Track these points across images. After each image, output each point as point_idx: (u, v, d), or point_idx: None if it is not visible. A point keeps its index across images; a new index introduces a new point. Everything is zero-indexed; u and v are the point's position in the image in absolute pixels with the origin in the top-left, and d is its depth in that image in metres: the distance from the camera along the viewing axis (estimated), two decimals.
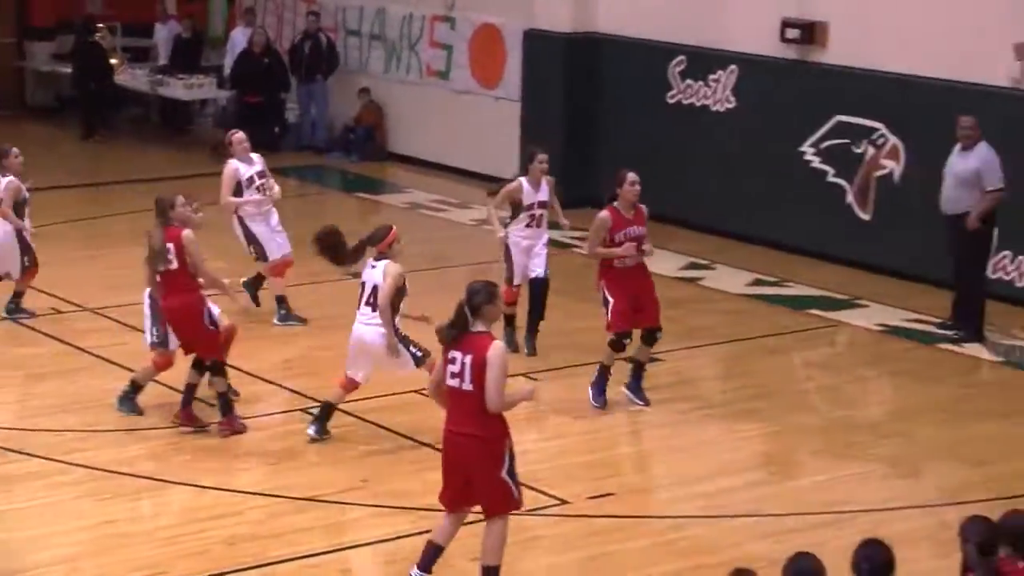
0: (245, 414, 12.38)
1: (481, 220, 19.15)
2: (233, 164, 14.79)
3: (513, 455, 9.32)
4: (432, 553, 9.49)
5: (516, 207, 14.13)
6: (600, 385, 12.84)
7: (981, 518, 7.81)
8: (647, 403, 12.84)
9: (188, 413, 12.15)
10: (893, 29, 16.87)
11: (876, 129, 16.95)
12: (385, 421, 12.42)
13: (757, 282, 16.76)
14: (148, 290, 12.31)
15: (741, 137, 18.13)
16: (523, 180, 14.08)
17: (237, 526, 10.55)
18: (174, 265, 11.91)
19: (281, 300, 14.80)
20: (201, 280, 12.08)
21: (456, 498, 9.41)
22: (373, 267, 11.82)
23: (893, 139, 16.82)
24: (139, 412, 12.39)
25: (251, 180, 14.77)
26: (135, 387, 12.45)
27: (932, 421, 12.75)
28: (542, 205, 14.10)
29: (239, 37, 23.53)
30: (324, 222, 12.63)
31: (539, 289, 14.17)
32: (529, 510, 10.82)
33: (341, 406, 12.19)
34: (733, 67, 18.27)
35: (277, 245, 14.78)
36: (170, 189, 13.01)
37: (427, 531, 9.78)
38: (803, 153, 17.57)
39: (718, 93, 18.47)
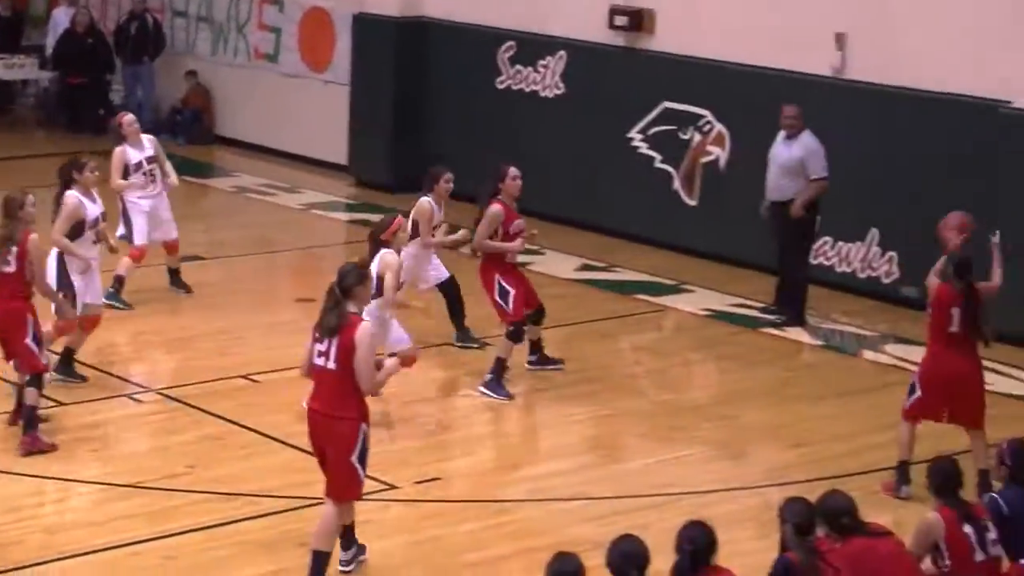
0: (67, 399, 12.16)
1: (310, 204, 19.07)
2: (122, 148, 14.56)
3: (367, 442, 9.30)
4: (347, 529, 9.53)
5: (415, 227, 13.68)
6: (499, 379, 12.81)
7: (799, 499, 7.97)
8: (562, 362, 13.45)
9: (34, 438, 11.36)
10: (720, 17, 17.08)
11: (702, 116, 17.16)
12: (211, 407, 12.29)
13: (585, 267, 16.88)
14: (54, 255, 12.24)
15: (570, 123, 18.22)
16: (430, 200, 13.73)
17: (57, 515, 10.36)
18: (11, 268, 11.32)
19: (120, 280, 14.56)
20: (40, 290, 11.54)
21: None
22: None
23: (719, 126, 17.04)
24: (82, 378, 12.54)
25: (139, 165, 14.55)
26: (68, 356, 12.49)
27: (756, 404, 12.95)
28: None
29: (61, 16, 23.08)
30: None
31: (452, 289, 14.00)
32: None
33: (168, 392, 12.03)
34: (562, 53, 18.37)
35: (147, 232, 14.60)
36: None
37: (252, 516, 9.68)
38: (631, 139, 17.72)
39: (547, 79, 18.55)
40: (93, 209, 12.55)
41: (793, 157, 14.86)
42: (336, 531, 9.37)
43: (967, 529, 8.35)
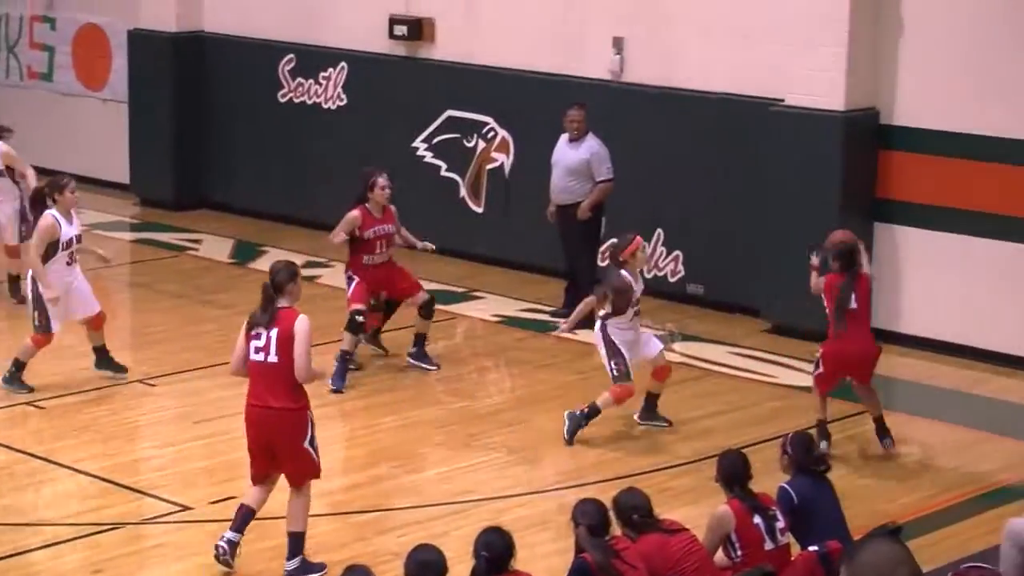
0: None
1: (92, 224, 18.70)
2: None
3: (314, 424, 9.69)
4: (245, 515, 9.80)
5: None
6: (343, 371, 13.23)
7: (590, 500, 8.04)
8: (438, 366, 13.83)
9: None
10: (499, 24, 17.18)
11: (486, 123, 17.24)
12: None
13: None
14: (30, 273, 12.65)
15: (354, 134, 18.16)
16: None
17: None
18: None
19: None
20: None
21: (263, 471, 9.75)
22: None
23: (502, 132, 17.14)
24: (29, 389, 12.73)
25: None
26: (18, 365, 12.77)
27: (549, 408, 13.02)
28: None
29: None
30: None
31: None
32: (150, 518, 10.63)
33: None
34: (343, 64, 18.30)
35: None
36: None
37: (42, 546, 9.45)
38: (416, 149, 17.73)
39: (329, 91, 18.47)
40: (69, 230, 12.66)
41: (579, 159, 15.01)
42: (307, 510, 9.76)
43: (756, 520, 8.52)
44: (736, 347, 14.66)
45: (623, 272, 12.19)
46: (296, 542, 9.76)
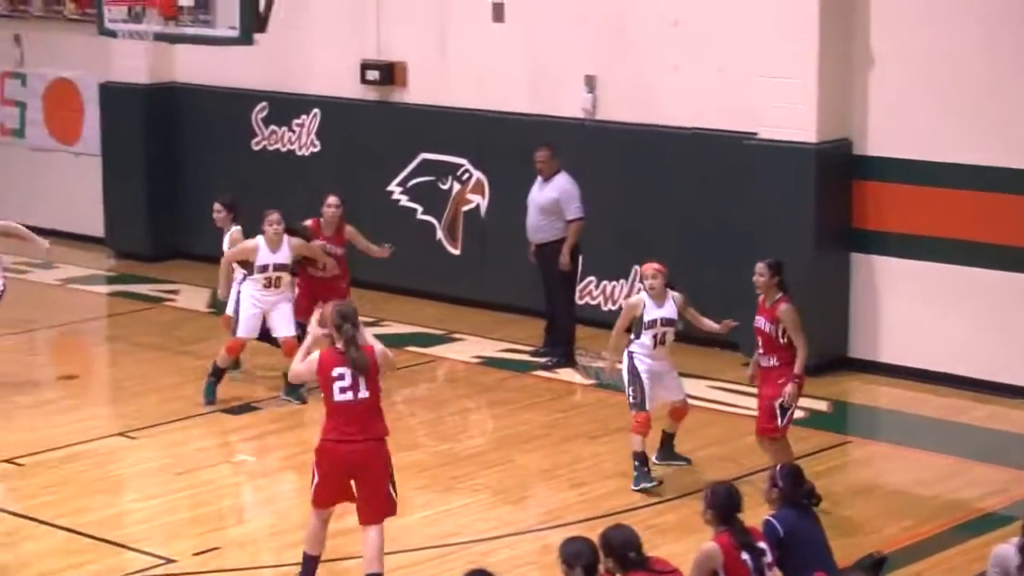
0: None
1: (67, 279, 18.65)
2: None
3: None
4: (313, 565, 9.99)
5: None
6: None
7: (577, 539, 7.98)
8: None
9: None
10: (471, 66, 17.22)
11: (460, 165, 17.25)
12: None
13: None
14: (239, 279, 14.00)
15: (329, 180, 18.09)
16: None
17: None
18: None
19: None
20: None
21: (335, 498, 9.93)
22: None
23: (477, 174, 17.15)
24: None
25: None
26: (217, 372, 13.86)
27: (531, 447, 13.00)
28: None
29: None
30: None
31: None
32: (132, 572, 10.56)
33: None
34: (316, 111, 18.31)
35: None
36: None
37: None
38: (391, 192, 17.73)
39: (303, 137, 18.47)
40: (268, 256, 13.95)
41: (549, 198, 15.05)
42: (383, 549, 9.84)
43: (744, 556, 8.47)
44: (716, 380, 14.65)
45: (641, 293, 12.28)
46: None
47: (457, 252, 17.38)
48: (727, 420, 13.66)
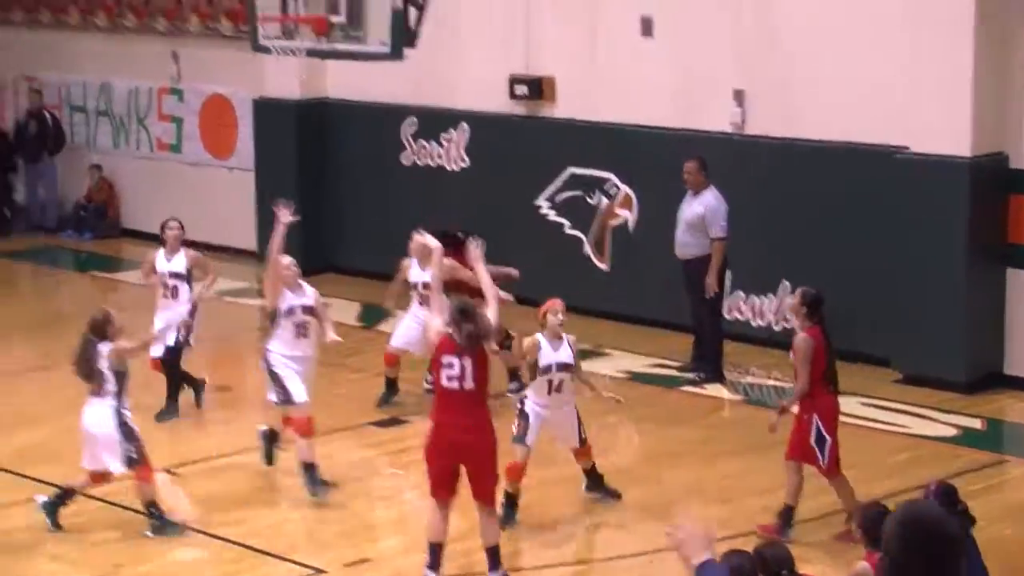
0: None
1: (221, 291, 18.92)
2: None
3: None
4: (439, 552, 10.32)
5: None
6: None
7: (740, 552, 7.93)
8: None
9: None
10: (619, 81, 17.21)
11: (608, 179, 17.26)
12: None
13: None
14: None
15: (477, 195, 18.26)
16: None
17: None
18: None
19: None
20: None
21: (447, 499, 10.30)
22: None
23: (625, 189, 17.14)
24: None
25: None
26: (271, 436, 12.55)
27: (679, 463, 12.96)
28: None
29: None
30: (58, 303, 12.31)
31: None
32: None
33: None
34: (464, 126, 18.43)
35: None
36: None
37: None
38: (539, 207, 17.79)
39: (452, 152, 18.60)
40: (292, 299, 12.48)
41: (695, 214, 15.00)
42: (498, 527, 10.47)
43: None
44: (867, 398, 14.48)
45: (537, 334, 11.72)
46: (496, 554, 10.29)
47: (605, 267, 17.38)
48: (880, 438, 13.50)
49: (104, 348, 11.31)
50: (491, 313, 10.43)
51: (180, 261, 14.26)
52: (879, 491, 11.61)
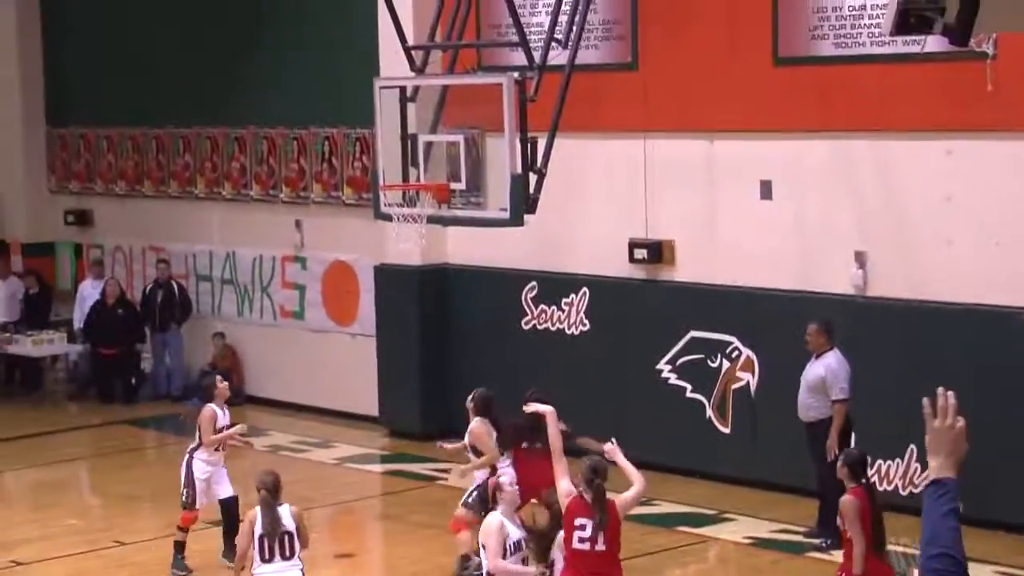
0: None
1: (344, 458, 18.97)
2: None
3: None
4: None
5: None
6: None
7: None
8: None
9: None
10: (738, 244, 17.19)
11: (729, 343, 17.16)
12: None
13: None
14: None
15: (598, 359, 18.23)
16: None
17: None
18: None
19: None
20: None
21: None
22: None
23: (747, 351, 17.03)
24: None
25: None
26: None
27: None
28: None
29: (88, 289, 23.35)
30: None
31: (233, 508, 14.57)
32: None
33: None
34: (585, 290, 18.47)
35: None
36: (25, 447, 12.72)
37: None
38: (660, 371, 17.71)
39: (572, 316, 18.63)
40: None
41: (817, 376, 14.87)
42: None
43: None
44: (1001, 566, 14.10)
45: (494, 513, 11.37)
46: None
47: (727, 430, 17.22)
48: None
49: (285, 510, 11.67)
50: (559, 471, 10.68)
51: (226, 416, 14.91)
52: None
